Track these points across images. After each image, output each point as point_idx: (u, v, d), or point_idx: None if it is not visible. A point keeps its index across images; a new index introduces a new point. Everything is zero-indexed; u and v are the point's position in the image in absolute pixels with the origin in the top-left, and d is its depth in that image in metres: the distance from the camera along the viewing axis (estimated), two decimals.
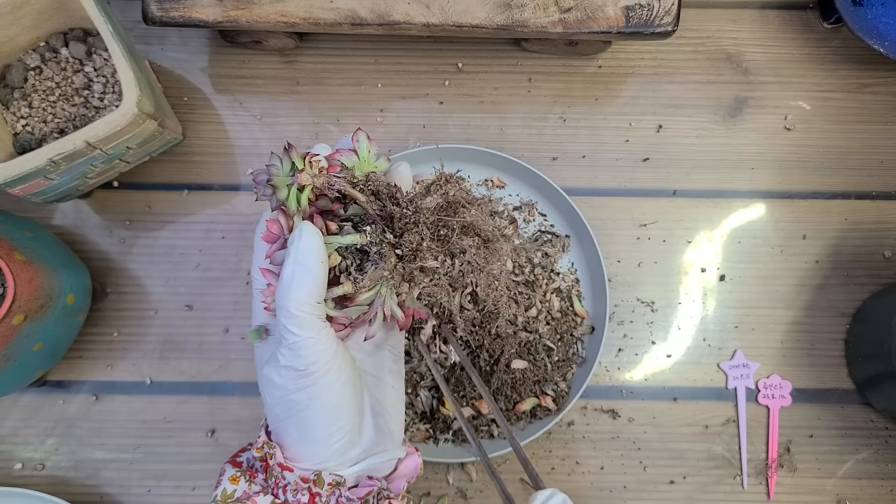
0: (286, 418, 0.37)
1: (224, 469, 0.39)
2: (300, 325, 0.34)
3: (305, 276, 0.34)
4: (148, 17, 0.53)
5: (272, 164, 0.35)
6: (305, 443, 0.37)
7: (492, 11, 0.53)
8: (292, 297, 0.34)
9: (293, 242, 0.34)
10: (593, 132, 0.62)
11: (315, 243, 0.34)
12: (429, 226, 0.36)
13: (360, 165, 0.37)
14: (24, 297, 0.46)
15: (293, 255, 0.34)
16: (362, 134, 0.38)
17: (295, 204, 0.35)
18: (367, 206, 0.36)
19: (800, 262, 0.60)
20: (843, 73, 0.63)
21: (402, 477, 0.41)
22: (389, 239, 0.36)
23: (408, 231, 0.36)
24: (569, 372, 0.56)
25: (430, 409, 0.55)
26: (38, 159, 0.46)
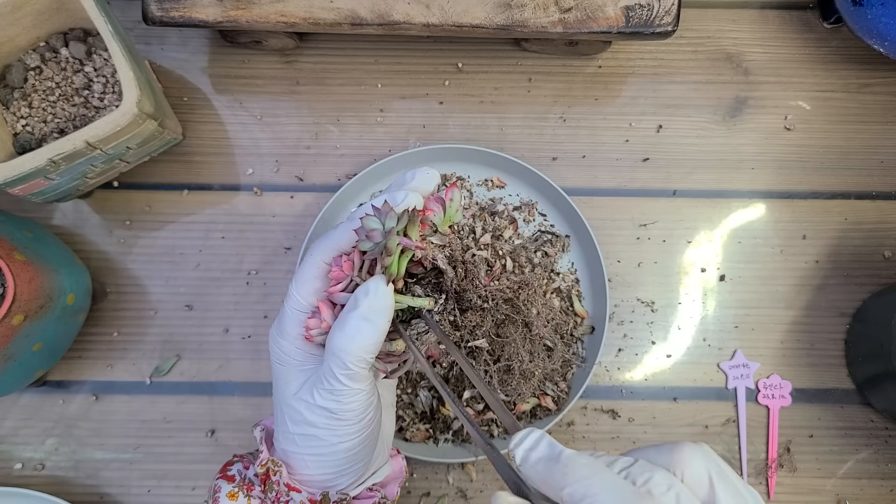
0: (306, 451, 0.36)
1: (219, 486, 0.38)
2: (352, 377, 0.33)
3: (371, 334, 0.32)
4: (148, 17, 0.53)
5: (390, 226, 0.33)
6: (322, 476, 0.36)
7: (492, 11, 0.53)
8: (352, 350, 0.33)
9: (367, 296, 0.33)
10: (593, 132, 0.62)
11: (389, 305, 0.33)
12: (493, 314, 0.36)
13: (443, 222, 0.36)
14: (24, 297, 0.46)
15: (364, 311, 0.32)
16: (457, 191, 0.36)
17: (396, 270, 0.34)
18: (449, 280, 0.35)
19: (800, 262, 0.60)
20: (843, 73, 0.63)
21: (394, 481, 0.42)
22: (454, 311, 0.36)
23: (472, 310, 0.36)
24: (569, 372, 0.56)
25: (430, 409, 0.55)
26: (38, 159, 0.46)
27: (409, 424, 0.55)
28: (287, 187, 0.61)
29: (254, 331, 0.59)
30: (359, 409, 0.34)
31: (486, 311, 0.36)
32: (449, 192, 0.36)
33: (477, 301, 0.36)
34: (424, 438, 0.55)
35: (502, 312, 0.37)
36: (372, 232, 0.33)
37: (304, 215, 0.60)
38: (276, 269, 0.60)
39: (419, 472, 0.57)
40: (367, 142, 0.61)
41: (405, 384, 0.56)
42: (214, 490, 0.38)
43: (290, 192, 0.61)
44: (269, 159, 0.61)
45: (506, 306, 0.37)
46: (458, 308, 0.36)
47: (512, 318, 0.37)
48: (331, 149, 0.61)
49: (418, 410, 0.55)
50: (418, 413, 0.55)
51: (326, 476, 0.36)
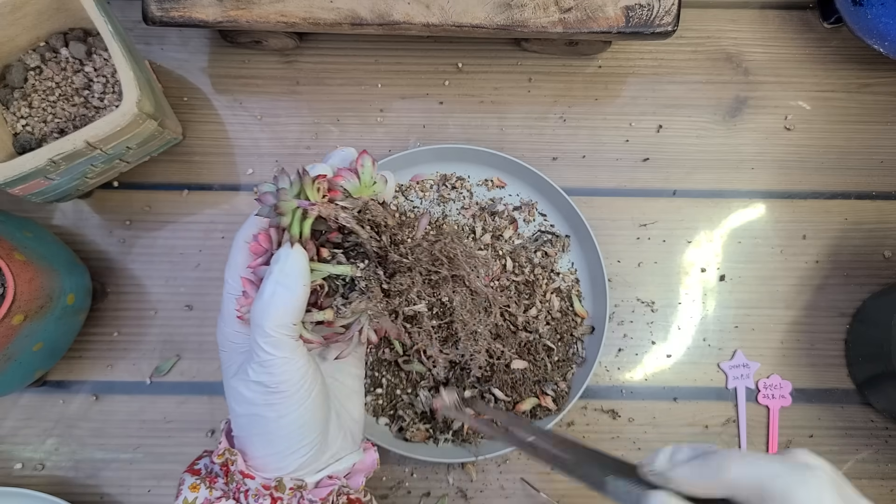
0: (253, 432, 0.36)
1: (183, 479, 0.38)
2: (275, 344, 0.33)
3: (286, 297, 0.33)
4: (148, 17, 0.53)
5: (282, 186, 0.34)
6: (272, 456, 0.36)
7: (492, 11, 0.53)
8: (270, 316, 0.33)
9: (278, 262, 0.33)
10: (593, 132, 0.62)
11: (300, 267, 0.33)
12: (422, 272, 0.36)
13: (360, 189, 0.36)
14: (24, 297, 0.46)
15: (276, 276, 0.33)
16: (368, 158, 0.37)
17: (297, 231, 0.34)
18: (367, 242, 0.35)
19: (800, 262, 0.60)
20: (843, 73, 0.63)
21: (359, 472, 0.42)
22: (380, 276, 0.36)
23: (400, 272, 0.36)
24: (569, 372, 0.56)
25: (430, 409, 0.55)
26: (38, 159, 0.46)
27: (409, 424, 0.55)
28: None
29: None
30: (292, 379, 0.34)
31: (413, 269, 0.35)
32: (360, 159, 0.37)
33: (399, 259, 0.35)
34: (424, 438, 0.55)
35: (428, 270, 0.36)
36: (264, 195, 0.34)
37: None
38: None
39: (419, 472, 0.57)
40: (367, 142, 0.61)
41: (405, 384, 0.56)
42: (179, 483, 0.38)
43: None
44: (269, 159, 0.61)
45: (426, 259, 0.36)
46: (384, 273, 0.35)
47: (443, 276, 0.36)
48: (331, 149, 0.61)
49: (418, 410, 0.55)
50: (418, 413, 0.55)
51: (274, 456, 0.36)
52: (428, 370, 0.55)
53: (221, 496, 0.37)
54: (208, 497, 0.37)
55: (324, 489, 0.38)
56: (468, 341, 0.39)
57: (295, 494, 0.37)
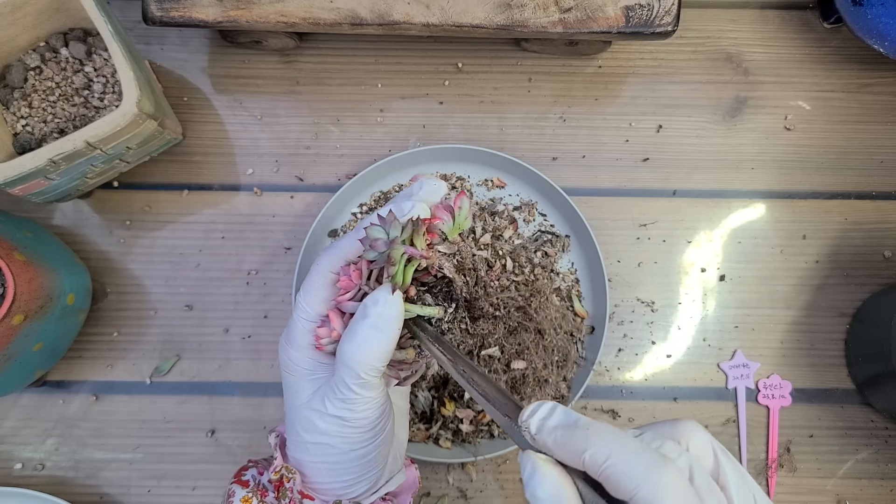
0: (319, 460, 0.36)
1: (233, 490, 0.38)
2: (364, 386, 0.33)
3: (381, 342, 0.33)
4: (148, 17, 0.53)
5: (394, 235, 0.33)
6: (335, 484, 0.37)
7: (492, 11, 0.53)
8: (363, 360, 0.33)
9: (376, 306, 0.33)
10: (593, 132, 0.62)
11: (397, 314, 0.33)
12: (506, 323, 0.36)
13: (452, 230, 0.36)
14: (24, 297, 0.46)
15: (374, 320, 0.32)
16: (466, 200, 0.36)
17: (401, 279, 0.34)
18: (459, 288, 0.35)
19: (800, 262, 0.60)
20: (843, 73, 0.63)
21: (406, 491, 0.42)
22: (465, 319, 0.35)
23: (484, 318, 0.35)
24: (569, 372, 0.56)
25: (429, 409, 0.55)
26: (38, 159, 0.46)
27: (409, 424, 0.55)
28: (287, 187, 0.61)
29: (254, 331, 0.59)
30: (371, 416, 0.35)
31: (498, 318, 0.36)
32: (458, 201, 0.36)
33: (489, 309, 0.35)
34: (424, 438, 0.55)
35: (514, 320, 0.37)
36: (375, 241, 0.33)
37: (304, 215, 0.60)
38: (276, 269, 0.60)
39: (419, 472, 0.57)
40: (367, 142, 0.61)
41: None
42: (228, 494, 0.38)
43: (290, 192, 0.61)
44: (269, 159, 0.61)
45: (517, 314, 0.36)
46: (468, 317, 0.36)
47: (524, 326, 0.37)
48: (331, 149, 0.61)
49: (418, 410, 0.55)
50: (418, 413, 0.55)
51: (340, 484, 0.37)
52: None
53: None
54: None
55: None
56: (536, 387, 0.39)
57: None
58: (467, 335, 0.36)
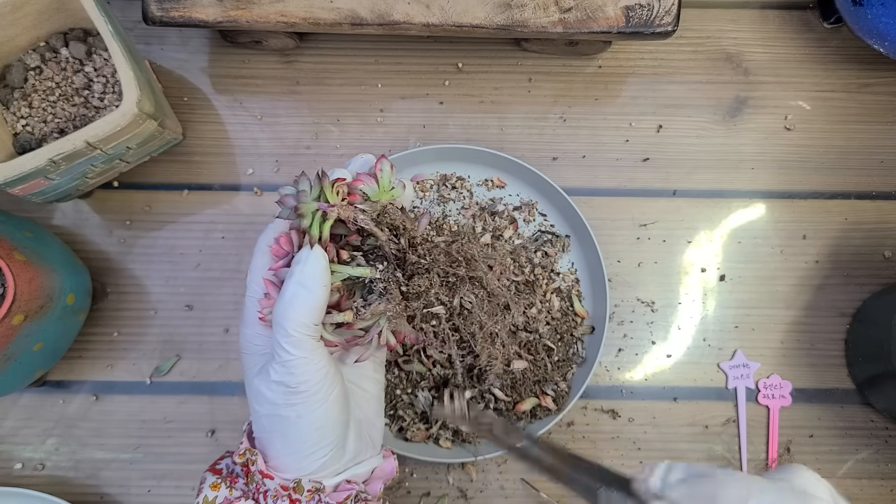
0: (273, 431, 0.37)
1: (204, 477, 0.39)
2: (295, 344, 0.34)
3: (306, 298, 0.34)
4: (148, 17, 0.53)
5: (301, 189, 0.35)
6: (291, 456, 0.37)
7: (492, 11, 0.53)
8: (291, 317, 0.34)
9: (298, 263, 0.34)
10: (593, 132, 0.62)
11: (320, 268, 0.34)
12: (439, 274, 0.36)
13: (379, 194, 0.37)
14: (24, 297, 0.46)
15: (297, 277, 0.34)
16: (386, 162, 0.38)
17: (317, 232, 0.35)
18: (385, 245, 0.36)
19: (800, 262, 0.60)
20: (843, 73, 0.63)
21: (378, 479, 0.42)
22: (399, 278, 0.36)
23: (418, 274, 0.36)
24: (569, 372, 0.56)
25: (430, 409, 0.55)
26: (38, 159, 0.46)
27: (409, 424, 0.55)
28: None
29: None
30: (312, 380, 0.35)
31: (431, 271, 0.36)
32: (378, 164, 0.37)
33: (417, 261, 0.36)
34: (424, 438, 0.55)
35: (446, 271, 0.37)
36: (285, 197, 0.35)
37: None
38: None
39: (419, 472, 0.57)
40: (367, 142, 0.61)
41: (405, 384, 0.56)
42: (200, 481, 0.39)
43: None
44: (269, 159, 0.61)
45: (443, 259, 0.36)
46: (403, 275, 0.36)
47: (460, 277, 0.37)
48: (331, 149, 0.61)
49: (418, 410, 0.55)
50: (418, 413, 0.55)
51: (293, 457, 0.37)
52: (427, 370, 0.55)
53: (241, 496, 0.37)
54: (228, 496, 0.37)
55: (342, 493, 0.38)
56: (485, 343, 0.39)
57: (313, 497, 0.37)
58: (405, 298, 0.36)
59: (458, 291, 0.37)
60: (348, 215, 0.35)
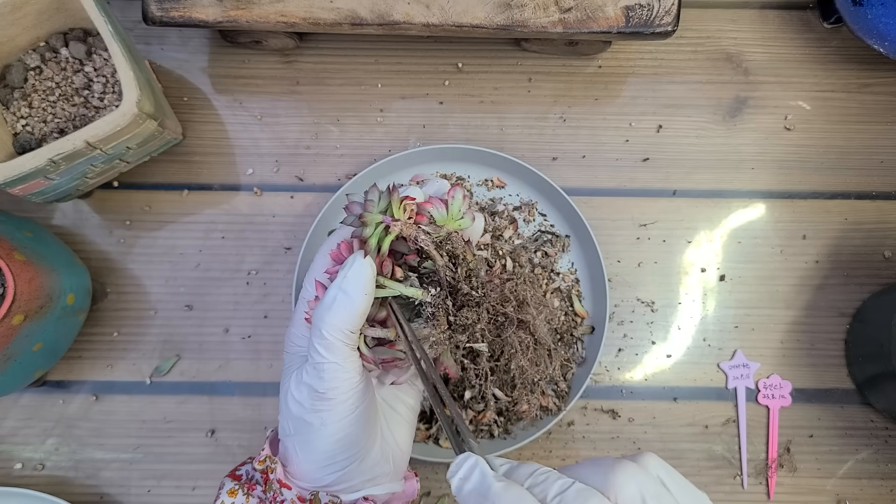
0: (295, 435, 0.37)
1: (223, 483, 0.39)
2: (329, 348, 0.34)
3: (345, 303, 0.34)
4: (148, 17, 0.53)
5: (370, 199, 0.35)
6: (308, 463, 0.37)
7: (492, 11, 0.53)
8: (328, 320, 0.34)
9: (343, 269, 0.34)
10: (593, 132, 0.62)
11: (364, 276, 0.34)
12: (489, 310, 0.36)
13: (446, 220, 0.37)
14: (24, 297, 0.46)
15: (339, 281, 0.34)
16: (460, 191, 0.38)
17: (376, 243, 0.35)
18: (442, 270, 0.36)
19: (800, 262, 0.60)
20: (843, 73, 0.63)
21: (398, 500, 0.41)
22: (448, 307, 0.36)
23: (468, 306, 0.36)
24: (569, 372, 0.56)
25: (429, 409, 0.55)
26: (38, 159, 0.46)
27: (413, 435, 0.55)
28: (287, 187, 0.61)
29: (254, 331, 0.59)
30: (340, 388, 0.35)
31: (481, 305, 0.36)
32: (452, 191, 0.37)
33: (469, 293, 0.36)
34: (424, 438, 0.55)
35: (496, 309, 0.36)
36: (351, 204, 0.35)
37: (304, 215, 0.60)
38: (276, 269, 0.60)
39: (419, 472, 0.57)
40: (367, 142, 0.61)
41: None
42: (219, 486, 0.39)
43: (290, 192, 0.61)
44: (269, 159, 0.61)
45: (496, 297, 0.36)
46: (453, 304, 0.36)
47: (509, 318, 0.37)
48: (331, 149, 0.61)
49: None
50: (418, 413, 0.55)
51: (310, 465, 0.37)
52: None
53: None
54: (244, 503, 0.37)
55: None
56: (524, 389, 0.39)
57: None
58: (450, 328, 0.36)
59: (504, 331, 0.37)
60: (410, 233, 0.35)
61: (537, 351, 0.38)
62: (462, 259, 0.36)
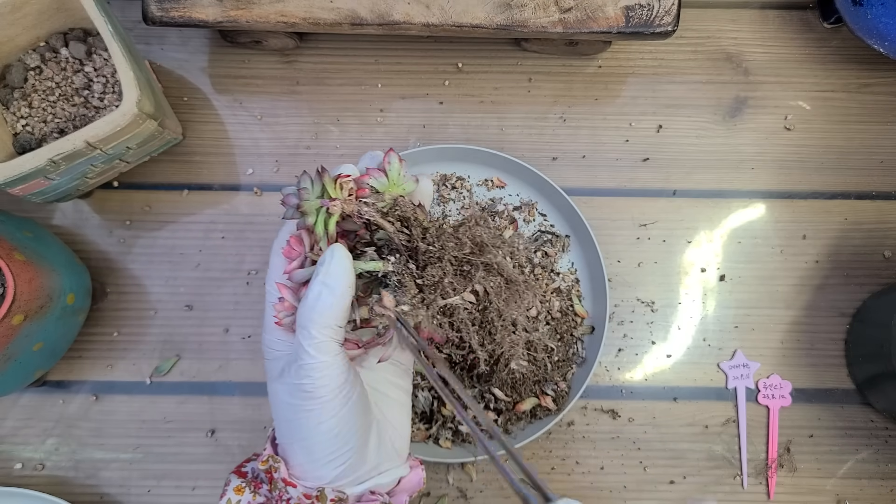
0: (292, 437, 0.36)
1: (229, 479, 0.39)
2: (318, 347, 0.33)
3: (331, 299, 0.33)
4: (148, 17, 0.53)
5: (303, 186, 0.35)
6: (310, 463, 0.36)
7: (492, 11, 0.53)
8: (316, 319, 0.33)
9: (323, 264, 0.33)
10: (593, 132, 0.62)
11: (346, 268, 0.33)
12: (452, 262, 0.36)
13: (388, 187, 0.36)
14: (24, 297, 0.46)
15: (322, 277, 0.33)
16: (394, 155, 0.37)
17: (322, 229, 0.34)
18: (395, 236, 0.35)
19: (800, 262, 0.60)
20: (843, 73, 0.63)
21: (404, 491, 0.41)
22: (412, 270, 0.35)
23: (431, 264, 0.35)
24: (569, 372, 0.56)
25: (429, 409, 0.55)
26: (38, 159, 0.46)
27: (410, 422, 0.55)
28: None
29: (254, 331, 0.59)
30: (331, 385, 0.34)
31: (443, 259, 0.35)
32: (387, 157, 0.37)
33: (427, 249, 0.35)
34: (424, 438, 0.55)
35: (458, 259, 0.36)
36: (287, 196, 0.35)
37: None
38: None
39: (424, 474, 0.57)
40: (367, 142, 0.61)
41: None
42: (225, 483, 0.39)
43: None
44: (269, 159, 0.61)
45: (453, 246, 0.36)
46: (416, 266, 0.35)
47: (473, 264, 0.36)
48: (331, 149, 0.61)
49: (418, 410, 0.55)
50: (418, 413, 0.55)
51: (312, 464, 0.36)
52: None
53: (264, 502, 0.37)
54: (251, 501, 0.37)
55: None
56: (505, 332, 0.38)
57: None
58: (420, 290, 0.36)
59: (472, 279, 0.36)
60: (352, 209, 0.34)
61: (510, 289, 0.38)
62: (414, 220, 0.36)
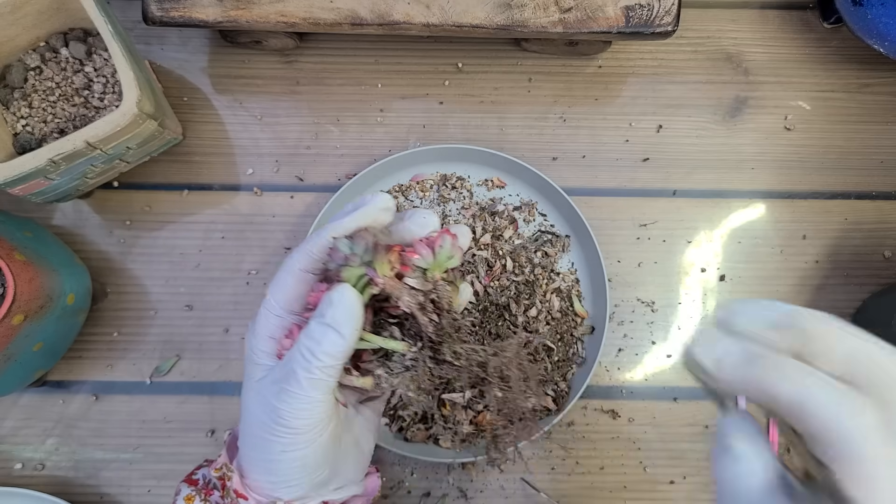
0: (255, 452, 0.35)
1: (179, 488, 0.38)
2: (313, 385, 0.32)
3: (337, 342, 0.32)
4: (148, 17, 0.53)
5: (354, 252, 0.33)
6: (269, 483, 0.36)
7: (492, 11, 0.53)
8: (318, 359, 0.32)
9: (331, 305, 0.32)
10: (593, 132, 0.62)
11: (355, 313, 0.32)
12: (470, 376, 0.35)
13: (433, 267, 0.35)
14: (24, 297, 0.46)
15: (328, 319, 0.32)
16: (448, 238, 0.35)
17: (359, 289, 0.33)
18: (425, 328, 0.34)
19: (800, 262, 0.60)
20: (843, 73, 0.63)
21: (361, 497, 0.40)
22: (427, 360, 0.34)
23: (448, 364, 0.34)
24: (569, 372, 0.56)
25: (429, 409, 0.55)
26: (38, 159, 0.46)
27: (408, 424, 0.55)
28: (287, 187, 0.61)
29: None
30: (311, 420, 0.33)
31: (460, 369, 0.34)
32: (440, 239, 0.35)
33: (450, 357, 0.34)
34: (424, 438, 0.55)
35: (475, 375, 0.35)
36: (335, 252, 0.33)
37: (305, 215, 0.60)
38: (276, 269, 0.59)
39: (419, 472, 0.57)
40: (367, 142, 0.61)
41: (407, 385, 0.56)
42: (175, 492, 0.38)
43: (290, 192, 0.61)
44: (269, 159, 0.61)
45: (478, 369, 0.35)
46: (432, 358, 0.34)
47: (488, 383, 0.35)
48: (331, 149, 0.61)
49: (418, 410, 0.55)
50: (418, 413, 0.55)
51: (272, 485, 0.35)
52: None
53: None
54: None
55: None
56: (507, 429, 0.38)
57: None
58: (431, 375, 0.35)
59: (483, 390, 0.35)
60: (394, 294, 0.33)
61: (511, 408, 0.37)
62: (447, 311, 0.34)
